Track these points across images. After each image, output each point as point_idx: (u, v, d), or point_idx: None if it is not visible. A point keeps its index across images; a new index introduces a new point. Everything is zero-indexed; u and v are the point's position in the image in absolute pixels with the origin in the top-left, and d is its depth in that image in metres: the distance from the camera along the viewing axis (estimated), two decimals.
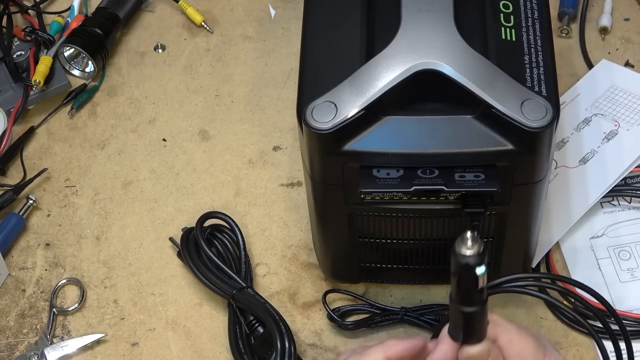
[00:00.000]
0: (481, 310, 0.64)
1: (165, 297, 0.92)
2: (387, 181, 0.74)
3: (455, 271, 0.62)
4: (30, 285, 0.93)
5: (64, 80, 1.05)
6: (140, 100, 1.06)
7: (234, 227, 0.90)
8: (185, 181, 0.99)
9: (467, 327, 0.64)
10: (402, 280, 0.89)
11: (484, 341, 0.65)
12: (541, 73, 0.75)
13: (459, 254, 0.61)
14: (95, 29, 1.06)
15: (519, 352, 0.66)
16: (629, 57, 1.05)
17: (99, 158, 1.01)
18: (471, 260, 0.61)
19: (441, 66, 0.73)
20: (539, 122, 0.71)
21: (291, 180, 0.98)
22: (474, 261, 0.61)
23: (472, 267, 0.61)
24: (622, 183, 0.93)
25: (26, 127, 1.03)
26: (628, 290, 0.88)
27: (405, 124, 0.74)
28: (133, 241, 0.95)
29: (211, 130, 1.03)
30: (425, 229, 0.81)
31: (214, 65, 1.08)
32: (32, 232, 0.97)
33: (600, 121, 0.96)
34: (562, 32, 1.06)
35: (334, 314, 0.87)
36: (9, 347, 0.90)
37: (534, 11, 0.79)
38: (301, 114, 0.74)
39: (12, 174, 1.01)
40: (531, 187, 0.76)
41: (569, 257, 0.90)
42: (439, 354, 0.66)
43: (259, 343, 0.85)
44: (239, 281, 0.87)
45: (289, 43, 1.08)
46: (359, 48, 0.76)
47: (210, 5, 1.13)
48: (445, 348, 0.66)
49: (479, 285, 0.62)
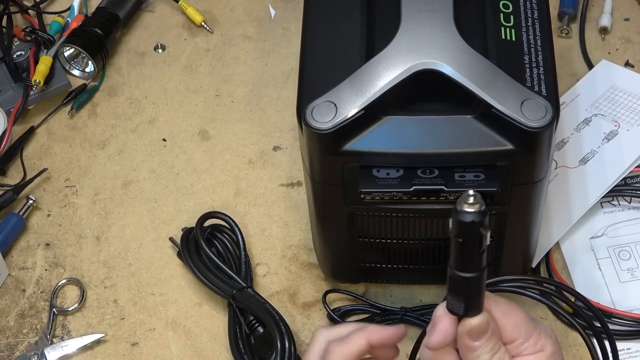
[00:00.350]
0: (482, 276, 0.61)
1: (165, 297, 0.92)
2: (387, 181, 0.74)
3: (457, 233, 0.59)
4: (30, 285, 0.93)
5: (64, 80, 1.05)
6: (140, 100, 1.06)
7: (234, 227, 0.90)
8: (185, 181, 0.99)
9: (469, 295, 0.62)
10: (402, 280, 0.89)
11: (483, 312, 0.63)
12: (541, 73, 0.75)
13: (463, 212, 0.58)
14: (95, 29, 1.06)
15: (515, 323, 0.65)
16: (629, 57, 1.05)
17: (99, 158, 1.01)
18: (476, 217, 0.58)
19: (441, 66, 0.73)
20: (539, 122, 0.71)
21: (291, 180, 0.98)
22: (478, 218, 0.58)
23: (477, 225, 0.58)
24: (622, 183, 0.93)
25: (26, 127, 1.03)
26: (628, 290, 0.88)
27: (405, 124, 0.74)
28: (133, 241, 0.95)
29: (211, 130, 1.03)
30: (425, 229, 0.81)
31: (214, 65, 1.08)
32: (32, 232, 0.97)
33: (600, 121, 0.96)
34: (562, 32, 1.06)
35: (334, 314, 0.87)
36: (9, 347, 0.90)
37: (534, 11, 0.79)
38: (301, 113, 0.74)
39: (12, 174, 1.01)
40: (531, 187, 0.76)
41: (569, 257, 0.90)
42: (439, 334, 0.64)
43: (259, 343, 0.85)
44: (239, 281, 0.87)
45: (289, 43, 1.08)
46: (359, 48, 0.76)
47: (210, 5, 1.13)
48: (445, 326, 0.64)
49: (482, 246, 0.60)
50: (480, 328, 0.63)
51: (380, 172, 0.74)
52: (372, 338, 0.69)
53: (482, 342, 0.64)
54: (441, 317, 0.64)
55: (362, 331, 0.70)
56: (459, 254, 0.60)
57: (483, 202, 0.59)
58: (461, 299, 0.62)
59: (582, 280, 0.89)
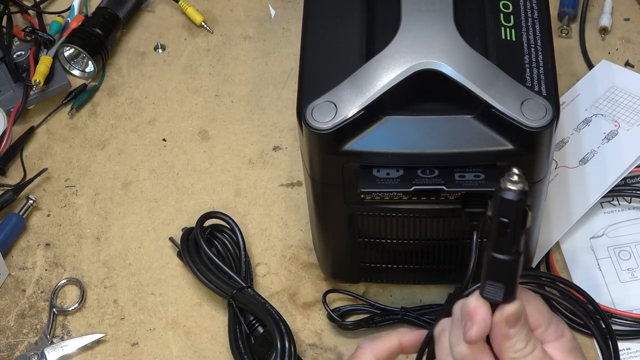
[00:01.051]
0: (521, 258, 0.60)
1: (165, 297, 0.92)
2: (387, 181, 0.74)
3: (502, 213, 0.57)
4: (30, 285, 0.93)
5: (64, 80, 1.05)
6: (140, 100, 1.06)
7: (234, 227, 0.90)
8: (185, 181, 0.99)
9: (510, 279, 0.60)
10: (402, 280, 0.89)
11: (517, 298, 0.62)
12: (541, 73, 0.75)
13: (509, 190, 0.56)
14: (95, 29, 1.06)
15: (537, 309, 0.64)
16: (629, 57, 1.05)
17: (99, 158, 1.01)
18: (521, 195, 0.56)
19: (441, 66, 0.73)
20: (539, 122, 0.71)
21: (291, 180, 0.98)
22: (523, 196, 0.56)
23: (522, 202, 0.57)
24: (622, 183, 0.93)
25: (26, 127, 1.03)
26: (628, 290, 0.88)
27: (405, 123, 0.74)
28: (133, 241, 0.95)
29: (211, 130, 1.03)
30: (425, 229, 0.81)
31: (214, 65, 1.08)
32: (32, 232, 0.97)
33: (600, 121, 0.96)
34: (562, 32, 1.06)
35: (334, 314, 0.87)
36: (9, 347, 0.90)
37: (533, 11, 0.79)
38: (301, 114, 0.74)
39: (12, 174, 1.01)
40: (531, 187, 0.76)
41: (569, 257, 0.90)
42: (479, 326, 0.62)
43: (259, 343, 0.85)
44: (239, 281, 0.87)
45: (289, 43, 1.08)
46: (359, 48, 0.76)
47: (210, 5, 1.13)
48: (484, 316, 0.62)
49: (526, 225, 0.58)
50: (518, 314, 0.62)
51: (380, 172, 0.74)
52: (404, 339, 0.71)
53: (517, 329, 0.63)
54: (477, 308, 0.62)
55: (395, 332, 0.72)
56: (501, 236, 0.59)
57: (526, 180, 0.57)
58: (501, 284, 0.61)
59: (582, 280, 0.88)
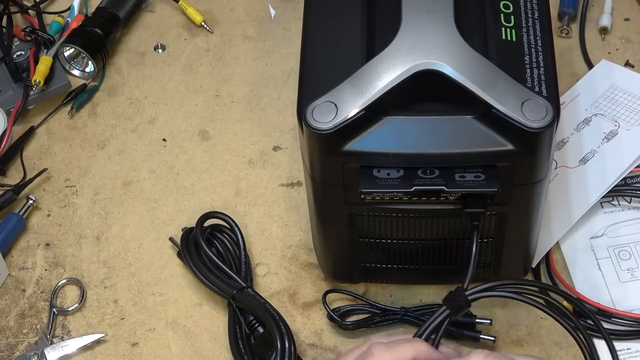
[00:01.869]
0: None
1: (165, 297, 0.92)
2: (387, 181, 0.74)
3: None
4: (30, 285, 0.93)
5: (64, 80, 1.05)
6: (140, 100, 1.06)
7: (234, 227, 0.90)
8: (185, 181, 0.99)
9: None
10: (402, 280, 0.89)
11: None
12: (541, 73, 0.75)
13: None
14: (95, 29, 1.06)
15: None
16: (629, 57, 1.05)
17: (99, 158, 1.01)
18: None
19: (441, 66, 0.73)
20: (539, 122, 0.71)
21: (291, 180, 0.98)
22: None
23: None
24: (622, 183, 0.93)
25: (26, 127, 1.03)
26: (628, 290, 0.88)
27: (405, 124, 0.74)
28: (133, 241, 0.95)
29: (211, 130, 1.03)
30: (425, 229, 0.81)
31: (214, 65, 1.08)
32: (32, 232, 0.97)
33: (600, 121, 0.96)
34: (562, 32, 1.06)
35: (334, 314, 0.87)
36: (9, 347, 0.90)
37: (534, 11, 0.79)
38: (301, 114, 0.74)
39: (12, 174, 1.01)
40: (531, 187, 0.76)
41: (569, 257, 0.90)
42: None
43: (259, 343, 0.85)
44: (239, 281, 0.87)
45: (289, 43, 1.08)
46: (359, 48, 0.76)
47: (210, 5, 1.13)
48: None
49: None
50: None
51: (381, 172, 0.74)
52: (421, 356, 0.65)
53: None
54: None
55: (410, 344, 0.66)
56: None
57: None
58: None
59: (582, 280, 0.89)
